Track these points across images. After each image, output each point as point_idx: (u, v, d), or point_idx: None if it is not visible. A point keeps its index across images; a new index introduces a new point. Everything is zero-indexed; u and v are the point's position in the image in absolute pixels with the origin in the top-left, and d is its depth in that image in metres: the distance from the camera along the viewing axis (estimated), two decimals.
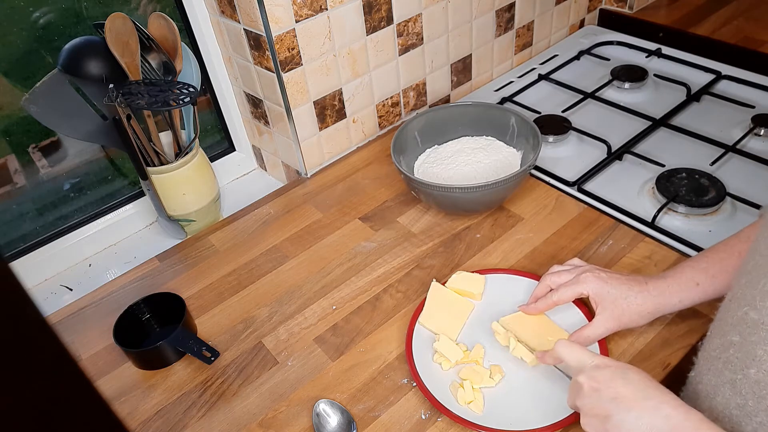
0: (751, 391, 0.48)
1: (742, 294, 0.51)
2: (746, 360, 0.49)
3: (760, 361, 0.47)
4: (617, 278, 0.68)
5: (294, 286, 0.85)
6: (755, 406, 0.48)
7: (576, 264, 0.74)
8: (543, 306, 0.71)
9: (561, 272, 0.73)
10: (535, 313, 0.72)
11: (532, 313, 0.72)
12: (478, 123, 1.00)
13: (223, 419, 0.70)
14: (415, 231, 0.91)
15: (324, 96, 1.00)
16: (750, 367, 0.48)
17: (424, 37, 1.08)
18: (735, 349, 0.50)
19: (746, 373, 0.49)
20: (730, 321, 0.52)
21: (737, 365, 0.50)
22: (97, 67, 0.85)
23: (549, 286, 0.72)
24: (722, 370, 0.52)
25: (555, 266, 0.75)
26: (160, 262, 0.92)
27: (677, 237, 0.83)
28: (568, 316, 0.73)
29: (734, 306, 0.52)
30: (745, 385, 0.49)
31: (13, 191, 0.95)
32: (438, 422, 0.66)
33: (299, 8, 0.89)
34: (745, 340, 0.49)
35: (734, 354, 0.50)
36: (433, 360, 0.71)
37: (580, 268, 0.72)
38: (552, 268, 0.75)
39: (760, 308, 0.47)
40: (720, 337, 0.53)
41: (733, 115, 1.06)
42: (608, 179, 0.96)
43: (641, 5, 1.39)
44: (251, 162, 1.19)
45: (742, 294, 0.51)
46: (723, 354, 0.52)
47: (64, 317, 0.85)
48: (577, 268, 0.72)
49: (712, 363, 0.54)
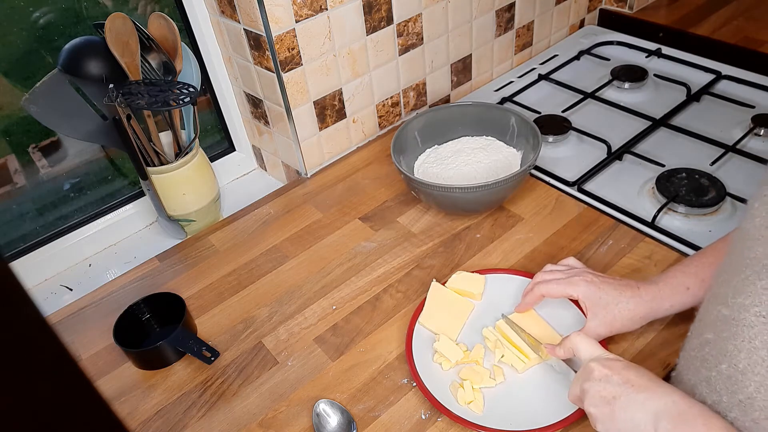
0: (724, 387, 0.49)
1: (717, 293, 0.51)
2: (719, 356, 0.49)
3: (730, 356, 0.48)
4: (609, 283, 0.68)
5: (294, 286, 0.85)
6: (728, 401, 0.49)
7: (571, 264, 0.74)
8: (531, 299, 0.71)
9: (554, 271, 0.73)
10: (524, 309, 0.72)
11: (520, 310, 0.73)
12: (478, 123, 1.00)
13: (223, 419, 0.70)
14: (415, 231, 0.91)
15: (324, 96, 1.00)
16: (722, 363, 0.49)
17: (424, 37, 1.08)
18: (710, 347, 0.51)
19: (719, 369, 0.49)
20: (705, 320, 0.53)
21: (711, 363, 0.51)
22: (97, 67, 0.85)
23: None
24: (699, 368, 0.53)
25: (548, 265, 0.75)
26: (160, 262, 0.92)
27: (677, 237, 0.83)
28: (567, 315, 0.73)
29: (710, 306, 0.52)
30: (719, 381, 0.50)
31: (13, 191, 0.95)
32: (438, 422, 0.66)
33: (299, 8, 0.89)
34: (718, 337, 0.50)
35: (709, 352, 0.51)
36: (434, 360, 0.71)
37: (574, 270, 0.71)
38: (545, 267, 0.75)
39: (731, 305, 0.48)
40: (697, 336, 0.54)
41: (733, 115, 1.06)
42: (608, 179, 0.96)
43: (641, 5, 1.39)
44: (251, 162, 1.19)
45: (717, 293, 0.51)
46: (700, 353, 0.53)
47: (64, 317, 0.85)
48: (571, 269, 0.72)
49: (690, 362, 0.55)
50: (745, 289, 0.46)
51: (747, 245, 0.47)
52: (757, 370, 0.45)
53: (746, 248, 0.47)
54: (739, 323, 0.47)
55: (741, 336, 0.46)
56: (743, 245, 0.48)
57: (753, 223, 0.47)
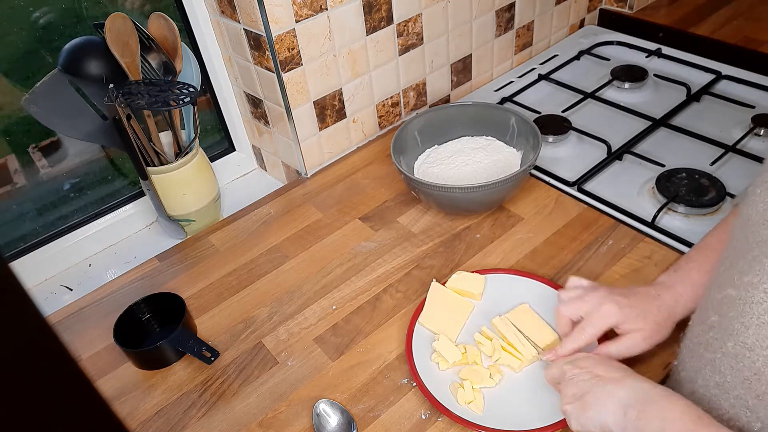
0: (729, 365, 0.50)
1: (721, 278, 0.52)
2: (724, 337, 0.50)
3: (737, 334, 0.48)
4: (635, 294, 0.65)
5: (294, 286, 0.85)
6: (732, 380, 0.49)
7: (584, 285, 0.69)
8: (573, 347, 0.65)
9: (574, 300, 0.67)
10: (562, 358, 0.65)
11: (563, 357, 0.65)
12: (478, 123, 1.00)
13: (223, 419, 0.70)
14: (415, 231, 0.91)
15: (324, 96, 1.00)
16: (728, 342, 0.49)
17: (424, 37, 1.08)
18: (714, 331, 0.52)
19: (724, 350, 0.50)
20: (709, 305, 0.53)
21: (716, 345, 0.51)
22: (97, 67, 0.85)
23: (569, 319, 0.68)
24: (703, 353, 0.53)
25: (562, 293, 0.69)
26: (160, 262, 0.92)
27: (677, 237, 0.83)
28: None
29: (714, 291, 0.53)
30: (724, 362, 0.50)
31: (13, 191, 0.95)
32: (438, 422, 0.66)
33: (299, 8, 0.89)
34: (723, 318, 0.50)
35: (713, 335, 0.52)
36: (431, 359, 0.71)
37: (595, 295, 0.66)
38: (560, 295, 0.69)
39: (738, 285, 0.48)
40: (700, 323, 0.55)
41: (733, 115, 1.06)
42: (608, 179, 0.96)
43: (641, 5, 1.39)
44: (251, 162, 1.19)
45: (721, 278, 0.52)
46: (703, 338, 0.53)
47: (64, 317, 0.85)
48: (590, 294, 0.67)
49: (693, 349, 0.56)
50: (752, 269, 0.47)
51: (751, 230, 0.48)
52: (766, 344, 0.46)
53: (750, 233, 0.48)
54: (746, 301, 0.47)
55: (749, 313, 0.47)
56: (746, 231, 0.48)
57: (756, 209, 0.47)
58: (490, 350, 0.70)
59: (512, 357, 0.69)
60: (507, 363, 0.69)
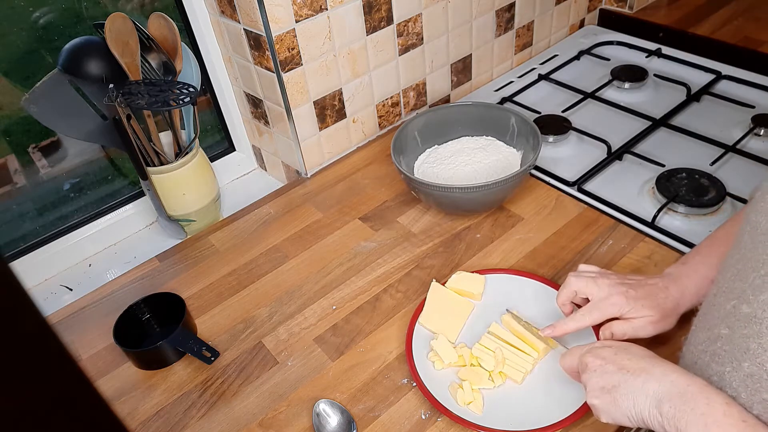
0: (743, 384, 0.49)
1: (729, 287, 0.51)
2: (736, 353, 0.49)
3: (753, 354, 0.47)
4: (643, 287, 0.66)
5: (294, 286, 0.85)
6: (748, 399, 0.48)
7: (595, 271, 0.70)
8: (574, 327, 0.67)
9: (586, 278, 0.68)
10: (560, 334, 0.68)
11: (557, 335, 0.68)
12: (478, 123, 1.00)
13: (223, 419, 0.70)
14: (415, 231, 0.91)
15: (324, 96, 1.00)
16: (743, 360, 0.48)
17: (424, 37, 1.08)
18: (723, 342, 0.51)
19: (737, 366, 0.49)
20: (717, 314, 0.52)
21: (725, 358, 0.50)
22: (97, 67, 0.85)
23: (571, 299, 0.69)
24: (709, 362, 0.53)
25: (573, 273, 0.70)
26: (160, 262, 0.92)
27: (677, 237, 0.83)
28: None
29: (721, 299, 0.52)
30: (735, 378, 0.49)
31: (13, 191, 0.95)
32: (438, 422, 0.66)
33: (299, 8, 0.89)
34: (734, 333, 0.49)
35: (722, 347, 0.51)
36: (428, 358, 0.71)
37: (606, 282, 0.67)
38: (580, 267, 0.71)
39: (752, 302, 0.47)
40: (706, 330, 0.54)
41: (733, 115, 1.06)
42: (608, 179, 0.96)
43: (641, 5, 1.39)
44: (251, 162, 1.19)
45: (729, 287, 0.51)
46: (710, 347, 0.53)
47: (64, 317, 0.85)
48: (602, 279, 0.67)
49: (698, 356, 0.55)
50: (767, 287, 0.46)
51: (761, 240, 0.47)
52: None
53: (760, 243, 0.47)
54: (763, 322, 0.46)
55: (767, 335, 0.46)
56: (756, 240, 0.48)
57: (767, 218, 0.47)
58: (492, 364, 0.68)
59: (515, 370, 0.68)
60: (510, 374, 0.68)
